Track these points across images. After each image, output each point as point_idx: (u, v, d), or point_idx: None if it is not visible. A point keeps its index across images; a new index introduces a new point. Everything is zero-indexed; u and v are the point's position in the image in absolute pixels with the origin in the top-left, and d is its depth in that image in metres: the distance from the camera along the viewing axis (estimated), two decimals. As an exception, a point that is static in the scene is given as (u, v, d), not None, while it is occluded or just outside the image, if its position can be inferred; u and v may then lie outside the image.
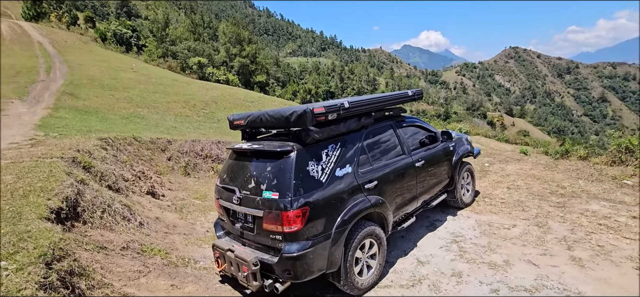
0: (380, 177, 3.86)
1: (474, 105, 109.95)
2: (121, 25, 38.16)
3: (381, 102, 4.21)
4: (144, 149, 7.71)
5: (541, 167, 7.74)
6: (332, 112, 3.46)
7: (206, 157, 8.51)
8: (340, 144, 3.66)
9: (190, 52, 37.37)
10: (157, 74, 22.13)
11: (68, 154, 4.83)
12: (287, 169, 3.23)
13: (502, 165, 8.28)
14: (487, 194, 6.20)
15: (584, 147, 14.17)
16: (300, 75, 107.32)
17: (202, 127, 12.62)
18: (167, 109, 13.90)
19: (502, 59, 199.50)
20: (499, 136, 24.80)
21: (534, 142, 25.21)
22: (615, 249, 4.01)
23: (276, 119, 3.54)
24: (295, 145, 3.33)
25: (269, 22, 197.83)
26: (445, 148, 5.16)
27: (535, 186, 6.47)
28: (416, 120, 4.99)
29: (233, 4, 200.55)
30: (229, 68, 45.77)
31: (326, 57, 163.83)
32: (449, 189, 5.33)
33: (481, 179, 7.18)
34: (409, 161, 4.36)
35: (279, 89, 68.84)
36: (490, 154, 9.92)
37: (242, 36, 49.49)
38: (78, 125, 8.42)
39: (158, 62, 31.41)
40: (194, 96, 16.90)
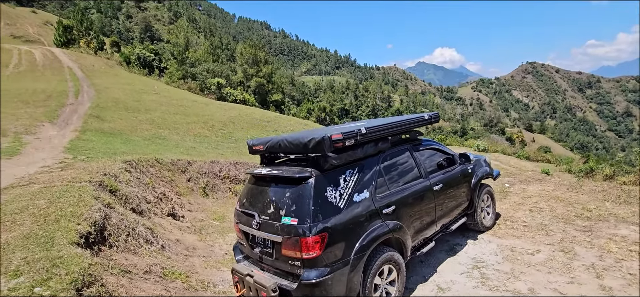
0: (398, 201, 3.86)
1: (491, 121, 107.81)
2: (144, 49, 39.92)
3: (398, 127, 4.24)
4: (165, 171, 7.94)
5: (565, 188, 7.50)
6: (349, 138, 3.51)
7: (224, 178, 8.67)
8: (358, 169, 3.69)
9: (209, 74, 38.58)
10: (177, 96, 22.89)
11: (96, 178, 5.05)
12: (306, 195, 3.28)
13: (523, 186, 8.07)
14: (509, 217, 6.04)
15: (609, 165, 13.63)
16: (315, 94, 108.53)
17: (220, 147, 12.89)
18: (187, 130, 14.30)
19: (519, 74, 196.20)
20: (519, 153, 24.22)
21: (556, 158, 24.46)
22: (649, 278, 3.82)
23: (295, 145, 3.61)
24: (313, 171, 3.38)
25: (285, 42, 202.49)
26: (464, 170, 5.10)
27: (559, 208, 6.26)
28: (433, 143, 4.98)
29: (250, 25, 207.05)
30: (245, 88, 46.87)
31: (340, 75, 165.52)
32: (468, 213, 5.24)
33: (502, 201, 7.01)
34: (427, 184, 4.34)
35: (294, 107, 69.79)
36: (510, 174, 9.69)
37: (259, 57, 50.81)
38: (104, 148, 8.77)
39: (178, 84, 32.53)
40: (213, 117, 17.35)
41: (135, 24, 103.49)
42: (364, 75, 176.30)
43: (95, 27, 43.63)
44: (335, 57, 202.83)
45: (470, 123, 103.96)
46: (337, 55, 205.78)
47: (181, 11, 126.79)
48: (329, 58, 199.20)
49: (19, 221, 3.43)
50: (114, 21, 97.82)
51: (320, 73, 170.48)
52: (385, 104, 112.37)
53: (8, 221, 3.45)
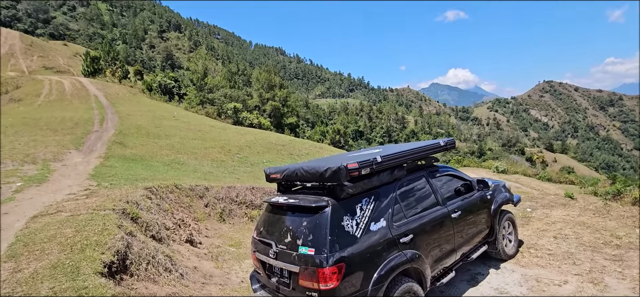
0: (415, 229, 3.81)
1: (509, 141, 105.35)
2: (165, 76, 41.59)
3: (413, 154, 4.24)
4: (183, 196, 8.10)
5: (591, 213, 7.20)
6: (365, 167, 3.54)
7: (240, 204, 8.77)
8: (374, 197, 3.69)
9: (226, 99, 39.66)
10: (195, 121, 23.55)
11: (119, 205, 5.21)
12: (323, 224, 3.29)
13: (546, 210, 7.80)
14: (532, 244, 5.83)
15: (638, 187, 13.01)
16: (329, 116, 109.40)
17: (236, 172, 13.09)
18: (205, 154, 14.62)
19: (536, 93, 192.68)
20: (541, 174, 23.40)
21: (580, 180, 23.47)
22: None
23: (311, 174, 3.66)
24: (330, 200, 3.41)
25: (299, 67, 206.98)
26: (482, 196, 5.00)
27: (586, 234, 6.01)
28: (449, 169, 4.92)
29: (266, 51, 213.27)
30: (261, 112, 47.80)
31: (354, 97, 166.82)
32: (489, 240, 5.09)
33: (524, 227, 6.78)
34: (445, 211, 4.27)
35: (309, 130, 70.40)
36: (532, 198, 9.40)
37: (274, 82, 51.99)
38: (126, 174, 9.07)
39: (197, 109, 33.53)
40: (229, 141, 17.70)
41: (157, 53, 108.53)
42: (377, 97, 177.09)
43: (120, 57, 45.92)
44: (349, 79, 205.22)
45: (488, 143, 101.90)
46: (350, 78, 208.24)
47: (201, 40, 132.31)
48: (343, 81, 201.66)
49: (48, 250, 3.57)
50: (138, 51, 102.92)
51: (334, 96, 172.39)
52: (400, 125, 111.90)
53: (38, 250, 3.60)
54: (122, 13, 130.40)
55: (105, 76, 39.33)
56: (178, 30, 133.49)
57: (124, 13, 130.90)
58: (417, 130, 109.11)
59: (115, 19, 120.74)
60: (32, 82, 31.61)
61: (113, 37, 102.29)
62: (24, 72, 43.64)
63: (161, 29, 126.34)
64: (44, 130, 14.69)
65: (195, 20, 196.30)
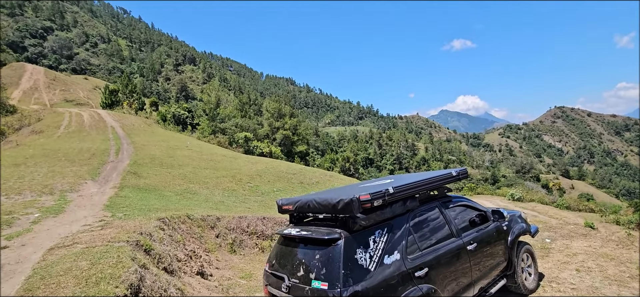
0: (430, 262, 3.72)
1: (523, 168, 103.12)
2: (179, 107, 42.81)
3: (425, 184, 4.20)
4: (195, 227, 8.13)
5: (614, 245, 6.92)
6: (377, 198, 3.53)
7: (251, 234, 8.73)
8: (387, 229, 3.65)
9: (237, 128, 40.38)
10: (208, 151, 23.94)
11: (132, 237, 5.27)
12: (336, 257, 3.26)
13: (566, 241, 7.53)
14: (554, 278, 5.60)
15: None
16: (339, 144, 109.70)
17: (247, 201, 13.11)
18: (216, 184, 14.75)
19: (548, 119, 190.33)
20: (558, 202, 22.66)
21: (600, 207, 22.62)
22: None
23: (324, 206, 3.66)
24: (343, 232, 3.39)
25: (309, 96, 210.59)
26: (498, 227, 4.88)
27: (610, 268, 5.75)
28: (463, 199, 4.85)
29: (276, 82, 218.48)
30: (271, 140, 48.36)
31: (364, 125, 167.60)
32: (508, 273, 4.91)
33: (544, 259, 6.54)
34: (460, 243, 4.18)
35: (319, 157, 70.55)
36: (550, 228, 9.10)
37: (284, 111, 52.88)
38: (139, 204, 9.19)
39: (209, 139, 34.16)
40: (240, 170, 17.86)
41: (172, 85, 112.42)
42: (387, 124, 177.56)
43: (137, 90, 47.67)
44: (358, 108, 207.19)
45: (501, 170, 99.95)
46: (359, 106, 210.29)
47: (214, 72, 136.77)
48: (352, 109, 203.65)
49: (63, 284, 3.61)
50: (154, 83, 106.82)
51: (344, 123, 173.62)
52: (410, 152, 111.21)
53: (54, 283, 3.64)
54: (141, 48, 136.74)
55: (122, 108, 40.70)
56: (193, 63, 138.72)
57: (142, 48, 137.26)
58: (428, 157, 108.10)
59: (134, 53, 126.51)
60: (53, 114, 32.90)
61: (131, 70, 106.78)
62: (46, 105, 45.53)
63: (177, 62, 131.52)
64: (62, 161, 15.13)
65: (209, 54, 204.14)
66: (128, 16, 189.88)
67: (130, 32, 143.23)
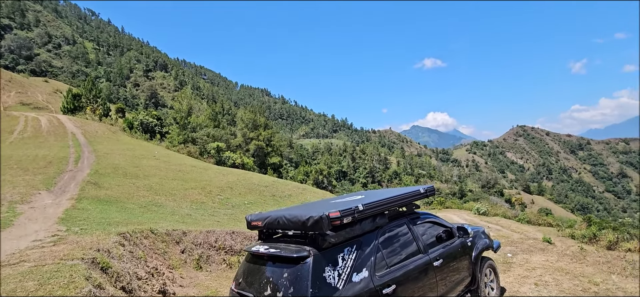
0: (398, 279, 3.75)
1: (488, 183, 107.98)
2: (148, 114, 41.21)
3: (395, 201, 4.27)
4: (159, 242, 7.75)
5: (568, 259, 7.33)
6: (347, 215, 3.53)
7: (219, 249, 8.44)
8: (356, 246, 3.65)
9: (209, 138, 39.40)
10: (176, 160, 23.12)
11: (88, 254, 4.92)
12: (304, 276, 3.21)
13: (526, 256, 7.89)
14: (514, 292, 5.82)
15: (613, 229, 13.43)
16: (313, 156, 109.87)
17: (216, 214, 12.73)
18: (184, 196, 14.23)
19: (511, 137, 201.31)
20: (520, 216, 23.80)
21: (557, 222, 23.99)
22: None
23: (293, 222, 3.62)
24: (311, 250, 3.35)
25: (284, 108, 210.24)
26: (463, 243, 5.03)
27: (565, 281, 6.07)
28: (430, 216, 4.97)
29: (251, 92, 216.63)
30: (244, 151, 47.57)
31: (338, 138, 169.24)
32: (471, 288, 5.05)
33: (505, 273, 6.80)
34: (427, 259, 4.26)
35: (293, 170, 70.19)
36: (512, 243, 9.51)
37: (259, 122, 52.38)
38: (98, 217, 8.65)
39: (178, 148, 33.06)
40: (211, 182, 17.36)
41: (141, 91, 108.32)
42: (360, 138, 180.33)
43: (102, 95, 45.46)
44: (333, 121, 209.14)
45: (468, 185, 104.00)
46: (334, 119, 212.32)
47: (187, 80, 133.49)
48: (327, 122, 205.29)
49: (4, 307, 3.29)
50: (121, 89, 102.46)
51: (318, 136, 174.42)
52: (383, 166, 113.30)
53: (-8, 306, 3.30)
54: (109, 52, 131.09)
55: (85, 114, 38.60)
56: (164, 69, 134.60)
57: (110, 52, 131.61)
58: (400, 171, 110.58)
59: (101, 57, 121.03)
60: (6, 118, 30.61)
61: (97, 74, 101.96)
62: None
63: (147, 68, 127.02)
64: (14, 169, 14.03)
65: (182, 61, 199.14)
66: (96, 18, 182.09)
67: (98, 35, 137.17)
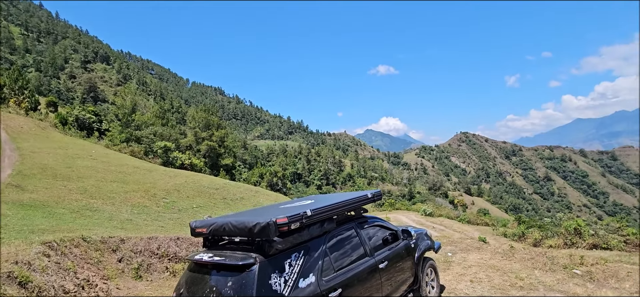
0: (344, 283, 3.82)
1: (435, 185, 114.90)
2: (84, 110, 37.63)
3: (343, 206, 4.35)
4: (92, 251, 7.09)
5: (500, 257, 8.03)
6: (295, 221, 3.52)
7: (162, 257, 7.95)
8: (304, 252, 3.65)
9: (156, 137, 37.03)
10: (117, 161, 21.39)
11: (5, 267, 4.34)
12: (249, 284, 3.13)
13: (464, 254, 8.50)
14: (452, 289, 6.23)
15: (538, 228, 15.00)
16: (268, 158, 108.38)
17: (161, 219, 11.99)
18: (125, 199, 13.20)
19: (455, 143, 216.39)
20: (461, 217, 25.64)
21: (493, 221, 26.24)
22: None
23: (240, 229, 3.53)
24: (258, 257, 3.29)
25: (238, 108, 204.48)
26: (407, 246, 5.27)
27: (496, 278, 6.63)
28: (377, 219, 5.14)
29: (204, 90, 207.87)
30: (195, 152, 45.47)
31: (293, 140, 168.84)
32: (414, 288, 5.31)
33: (445, 272, 7.26)
34: (372, 262, 4.38)
35: (246, 171, 68.57)
36: (452, 242, 10.19)
37: (212, 121, 50.41)
38: (19, 224, 7.69)
39: (120, 147, 30.60)
40: (155, 184, 16.32)
41: (78, 84, 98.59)
42: (316, 140, 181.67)
43: (30, 86, 40.61)
44: (288, 122, 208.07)
45: (417, 187, 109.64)
46: (290, 121, 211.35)
47: (131, 74, 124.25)
48: (282, 123, 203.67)
49: None
50: (54, 81, 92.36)
51: (274, 137, 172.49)
52: (337, 168, 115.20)
53: None
54: (39, 39, 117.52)
55: (8, 107, 34.17)
56: (106, 62, 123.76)
57: (41, 39, 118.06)
58: (354, 174, 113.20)
59: (30, 44, 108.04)
60: None
61: (25, 63, 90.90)
62: None
63: (86, 59, 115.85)
64: None
65: (126, 53, 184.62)
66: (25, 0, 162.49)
67: (26, 19, 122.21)
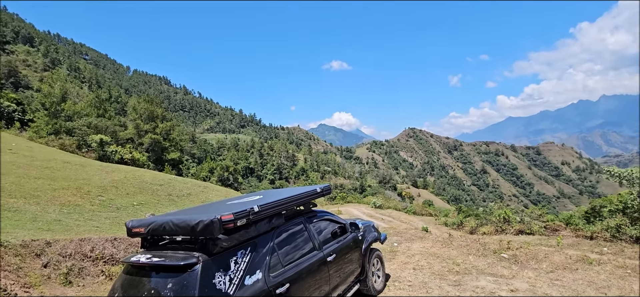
0: (292, 278, 3.81)
1: (384, 179, 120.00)
2: (3, 97, 33.00)
3: (292, 201, 4.33)
4: (10, 256, 6.27)
5: (440, 245, 8.62)
6: (241, 217, 3.42)
7: (97, 260, 7.29)
8: (250, 248, 3.57)
9: (90, 129, 33.71)
10: (43, 155, 19.14)
11: None
12: (191, 284, 2.99)
13: (409, 244, 8.98)
14: (397, 277, 6.55)
15: (475, 217, 16.38)
16: (218, 152, 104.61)
17: (96, 218, 10.98)
18: (52, 198, 11.86)
19: (404, 138, 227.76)
20: (408, 208, 27.11)
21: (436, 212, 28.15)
22: (501, 325, 4.52)
23: (181, 228, 3.34)
24: (201, 256, 3.14)
25: (186, 99, 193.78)
26: (355, 238, 5.42)
27: (436, 264, 7.11)
28: (326, 213, 5.21)
29: (147, 79, 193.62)
30: (136, 145, 42.31)
31: (245, 134, 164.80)
32: (361, 278, 5.49)
33: (391, 261, 7.61)
34: (321, 256, 4.43)
35: (195, 166, 65.53)
36: (399, 232, 10.71)
37: (156, 113, 47.20)
38: None
39: (47, 140, 27.40)
40: (90, 181, 14.91)
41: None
42: (269, 134, 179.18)
43: None
44: (240, 116, 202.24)
45: (368, 180, 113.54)
46: (241, 114, 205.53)
47: (61, 58, 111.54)
48: (234, 116, 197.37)
49: None
50: (-39, 61, 79.39)
51: (225, 131, 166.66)
52: (291, 162, 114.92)
53: None
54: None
55: None
56: (30, 43, 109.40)
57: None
58: (307, 168, 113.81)
59: None
60: None
61: None
62: None
63: (4, 39, 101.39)
64: None
65: (55, 35, 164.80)
66: None
67: None
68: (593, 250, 7.67)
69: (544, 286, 5.72)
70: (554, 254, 7.15)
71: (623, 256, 7.10)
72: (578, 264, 6.63)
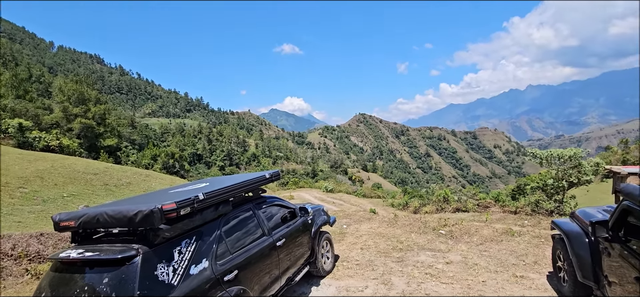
0: (240, 264, 3.79)
1: (336, 163, 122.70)
2: None
3: (239, 188, 4.27)
4: None
5: (386, 225, 9.11)
6: (185, 206, 3.30)
7: (20, 258, 6.54)
8: (196, 237, 3.48)
9: (6, 113, 29.53)
10: (-55, 142, 16.43)
11: None
12: (130, 278, 2.83)
13: (357, 225, 9.37)
14: (345, 257, 6.83)
15: (418, 198, 17.46)
16: (162, 137, 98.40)
17: (17, 213, 9.79)
18: (-41, 192, 10.31)
19: (355, 123, 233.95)
20: (358, 192, 28.07)
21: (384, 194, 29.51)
22: (437, 294, 4.97)
23: (118, 219, 3.13)
24: (141, 247, 2.99)
25: (123, 80, 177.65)
26: (304, 222, 5.52)
27: (382, 243, 7.53)
28: (275, 199, 5.22)
29: (76, 57, 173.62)
30: (65, 131, 38.08)
31: (192, 118, 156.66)
32: (310, 260, 5.63)
33: (340, 242, 7.89)
34: (270, 241, 4.46)
35: (135, 153, 60.97)
36: (348, 215, 11.10)
37: (87, 95, 42.70)
38: None
39: (-50, 125, 23.47)
40: (8, 171, 13.18)
41: None
42: (217, 119, 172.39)
43: None
44: (186, 99, 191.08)
45: (320, 165, 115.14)
46: (187, 97, 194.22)
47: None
48: (179, 100, 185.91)
49: None
50: None
51: (168, 115, 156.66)
52: (241, 148, 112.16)
53: None
54: None
55: None
56: None
57: None
58: (258, 154, 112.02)
59: None
60: None
61: None
62: None
63: None
64: None
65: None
66: None
67: None
68: (516, 223, 8.69)
69: (474, 257, 6.37)
70: (483, 229, 7.97)
71: (539, 227, 8.15)
72: (503, 236, 7.47)
